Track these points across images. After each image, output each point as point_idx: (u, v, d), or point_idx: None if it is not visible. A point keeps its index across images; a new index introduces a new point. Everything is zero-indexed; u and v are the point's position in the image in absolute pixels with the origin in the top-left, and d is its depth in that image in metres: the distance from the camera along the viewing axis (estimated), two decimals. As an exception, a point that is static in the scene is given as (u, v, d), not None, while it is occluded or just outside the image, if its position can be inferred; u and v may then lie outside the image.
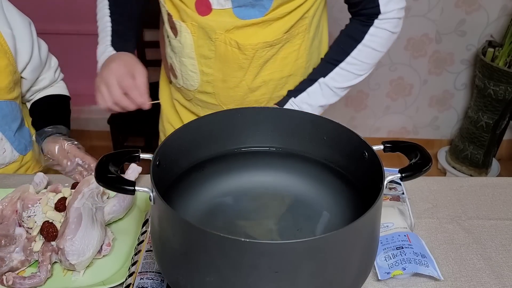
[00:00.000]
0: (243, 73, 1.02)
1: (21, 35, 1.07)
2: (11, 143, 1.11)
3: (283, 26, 0.99)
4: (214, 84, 1.05)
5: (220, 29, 0.97)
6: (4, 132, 1.09)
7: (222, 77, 1.04)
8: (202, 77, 1.05)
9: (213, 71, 1.03)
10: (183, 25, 1.00)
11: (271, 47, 1.00)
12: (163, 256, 0.65)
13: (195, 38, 1.00)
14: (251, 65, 1.01)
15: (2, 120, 1.07)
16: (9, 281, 0.78)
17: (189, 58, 1.04)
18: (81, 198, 0.85)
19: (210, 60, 1.02)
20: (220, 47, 1.00)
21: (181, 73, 1.08)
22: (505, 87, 2.17)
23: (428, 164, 0.68)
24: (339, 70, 1.02)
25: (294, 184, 0.84)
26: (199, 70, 1.04)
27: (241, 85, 1.04)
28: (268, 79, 1.04)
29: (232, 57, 1.00)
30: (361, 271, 0.66)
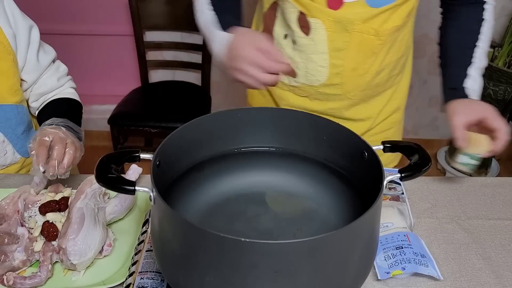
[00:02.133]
0: (374, 58, 1.06)
1: (20, 36, 1.07)
2: (13, 145, 1.10)
3: (408, 8, 1.03)
4: (343, 75, 1.07)
5: (358, 20, 1.00)
6: (6, 135, 1.08)
7: (353, 66, 1.06)
8: (332, 70, 1.07)
9: (344, 61, 1.06)
10: (319, 22, 1.01)
11: (398, 30, 1.05)
12: (163, 256, 0.65)
13: (329, 33, 1.02)
14: (382, 50, 1.06)
15: (5, 123, 1.07)
16: (9, 281, 0.78)
17: (320, 53, 1.05)
18: (83, 198, 0.85)
19: (342, 52, 1.04)
20: (356, 36, 1.02)
21: (305, 71, 1.09)
22: (504, 87, 2.17)
23: (428, 164, 0.68)
24: (480, 51, 1.07)
25: (294, 184, 0.84)
26: (329, 63, 1.06)
27: (370, 71, 1.08)
28: (389, 61, 1.09)
29: (367, 44, 1.04)
30: (360, 271, 0.66)
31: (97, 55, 2.58)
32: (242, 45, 0.89)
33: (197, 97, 2.31)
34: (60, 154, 0.91)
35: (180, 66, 2.44)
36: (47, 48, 1.16)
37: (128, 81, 2.56)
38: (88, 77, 2.60)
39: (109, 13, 2.44)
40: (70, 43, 2.50)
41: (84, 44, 2.54)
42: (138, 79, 2.38)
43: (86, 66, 2.60)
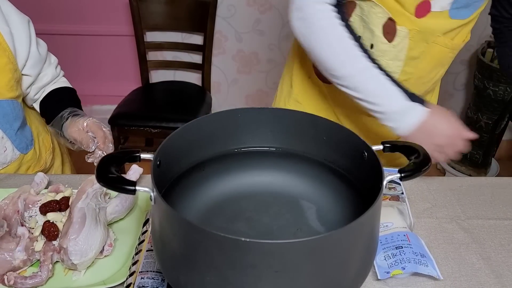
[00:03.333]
0: (441, 68, 1.09)
1: (18, 33, 1.08)
2: (12, 141, 1.11)
3: (471, 25, 1.05)
4: (410, 82, 1.07)
5: (438, 31, 1.01)
6: (5, 131, 1.09)
7: (420, 75, 1.08)
8: (401, 77, 1.07)
9: (416, 70, 1.06)
10: (406, 31, 1.00)
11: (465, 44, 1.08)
12: (164, 255, 0.66)
13: (411, 42, 1.02)
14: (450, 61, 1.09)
15: (3, 118, 1.07)
16: (10, 281, 0.78)
17: (397, 60, 1.05)
18: (85, 198, 0.86)
19: (416, 61, 1.05)
20: (433, 48, 1.03)
21: None
22: (504, 88, 2.17)
23: (428, 164, 0.68)
24: None
25: (294, 184, 0.84)
26: (401, 70, 1.06)
27: (432, 80, 1.10)
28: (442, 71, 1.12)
29: (440, 56, 1.05)
30: (360, 270, 0.66)
31: (97, 55, 2.58)
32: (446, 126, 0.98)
33: (197, 97, 2.32)
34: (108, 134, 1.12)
35: (181, 66, 2.45)
36: (39, 40, 1.17)
37: (128, 81, 2.57)
38: (89, 77, 2.60)
39: (109, 13, 2.44)
40: (70, 43, 2.51)
41: (85, 44, 2.54)
42: (139, 79, 2.38)
43: (86, 66, 2.60)
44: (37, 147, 1.20)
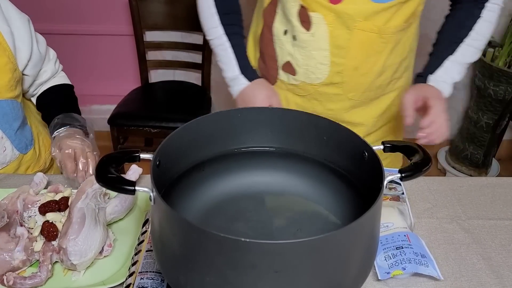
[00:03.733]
0: (377, 58, 1.06)
1: (20, 33, 1.08)
2: (11, 141, 1.11)
3: (411, 8, 1.03)
4: (344, 74, 1.06)
5: (359, 16, 0.99)
6: (4, 131, 1.09)
7: (355, 65, 1.06)
8: (332, 68, 1.06)
9: (346, 60, 1.05)
10: (320, 17, 1.00)
11: (403, 30, 1.05)
12: (163, 256, 0.65)
13: (330, 29, 1.01)
14: (385, 49, 1.05)
15: (2, 118, 1.07)
16: (9, 281, 0.78)
17: (321, 50, 1.04)
18: (84, 198, 0.85)
19: (344, 50, 1.03)
20: (357, 34, 1.01)
21: (306, 68, 1.08)
22: (505, 87, 2.17)
23: (428, 164, 0.68)
24: (466, 46, 1.06)
25: (294, 184, 0.84)
26: (330, 61, 1.05)
27: (372, 70, 1.07)
28: (392, 63, 1.09)
29: (369, 43, 1.03)
30: (361, 271, 0.66)
31: (97, 55, 2.58)
32: (256, 97, 1.05)
33: (197, 97, 2.31)
34: (85, 165, 1.02)
35: (180, 66, 2.44)
36: (38, 36, 1.17)
37: (128, 81, 2.56)
38: (88, 77, 2.60)
39: (109, 13, 2.44)
40: (70, 43, 2.51)
41: (84, 44, 2.54)
42: (138, 79, 2.38)
43: (86, 66, 2.60)
44: (37, 147, 1.20)
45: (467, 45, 1.06)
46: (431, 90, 1.05)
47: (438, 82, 1.07)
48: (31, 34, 1.11)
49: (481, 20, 1.06)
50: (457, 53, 1.06)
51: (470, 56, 1.08)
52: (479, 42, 1.07)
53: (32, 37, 1.11)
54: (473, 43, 1.07)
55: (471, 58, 1.08)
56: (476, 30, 1.06)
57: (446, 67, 1.07)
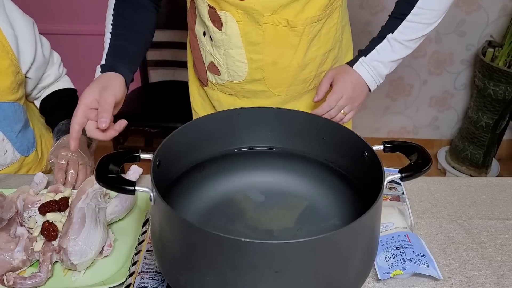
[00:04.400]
0: (294, 51, 1.04)
1: (24, 36, 1.08)
2: (12, 144, 1.11)
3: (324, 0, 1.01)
4: (264, 69, 1.06)
5: (266, 11, 0.98)
6: (6, 133, 1.08)
7: (273, 60, 1.05)
8: (251, 65, 1.06)
9: (263, 56, 1.04)
10: (228, 15, 1.00)
11: (317, 22, 1.03)
12: (164, 256, 0.65)
13: (241, 26, 1.01)
14: (301, 42, 1.04)
15: (4, 121, 1.07)
16: (9, 281, 0.78)
17: (236, 48, 1.04)
18: (85, 198, 0.85)
19: (259, 46, 1.03)
20: (268, 29, 1.01)
21: (226, 67, 1.08)
22: (505, 87, 2.17)
23: (428, 164, 0.68)
24: (406, 23, 1.03)
25: (294, 184, 0.84)
26: (247, 58, 1.05)
27: (291, 64, 1.06)
28: (314, 55, 1.07)
29: (282, 37, 1.02)
30: (361, 271, 0.66)
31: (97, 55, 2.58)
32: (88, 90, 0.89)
33: (197, 97, 2.31)
34: (73, 177, 1.02)
35: (180, 65, 2.44)
36: (43, 39, 1.17)
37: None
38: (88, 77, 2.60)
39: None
40: (70, 43, 2.50)
41: (84, 44, 2.54)
42: (138, 79, 2.38)
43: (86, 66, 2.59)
44: (39, 149, 1.20)
45: (408, 21, 1.02)
46: (348, 74, 1.04)
47: (369, 63, 1.04)
48: (35, 37, 1.11)
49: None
50: (396, 31, 1.03)
51: (412, 32, 1.03)
52: (423, 16, 1.02)
53: (36, 40, 1.11)
54: (415, 18, 1.02)
55: (414, 34, 1.03)
56: (419, 5, 1.01)
57: (382, 46, 1.04)
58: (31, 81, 1.14)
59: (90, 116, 0.85)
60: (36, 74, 1.14)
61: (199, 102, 1.27)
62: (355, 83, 1.04)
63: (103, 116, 0.83)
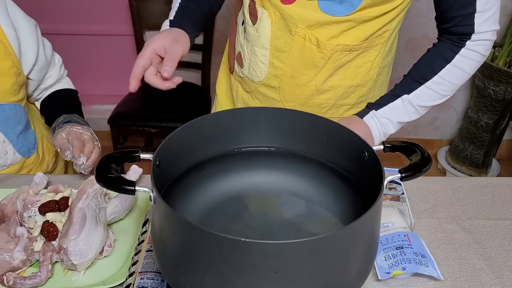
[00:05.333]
0: (315, 73, 1.02)
1: (26, 37, 1.07)
2: (13, 145, 1.11)
3: (365, 32, 0.97)
4: (282, 79, 1.04)
5: (302, 23, 0.96)
6: (6, 135, 1.08)
7: (292, 73, 1.03)
8: (271, 70, 1.04)
9: (284, 65, 1.02)
10: (265, 13, 0.98)
11: (350, 52, 0.99)
12: (163, 256, 0.65)
13: (273, 29, 0.99)
14: (326, 66, 1.00)
15: (5, 122, 1.07)
16: (9, 281, 0.78)
17: (262, 48, 1.03)
18: (85, 198, 0.85)
19: (284, 54, 1.01)
20: (298, 41, 0.98)
21: (249, 63, 1.07)
22: (505, 87, 2.17)
23: (428, 164, 0.68)
24: (424, 88, 1.00)
25: (294, 184, 0.84)
26: (269, 62, 1.04)
27: (309, 85, 1.03)
28: (337, 84, 1.04)
29: (308, 54, 0.99)
30: (361, 271, 0.66)
31: (97, 55, 2.58)
32: (158, 37, 0.93)
33: (197, 97, 2.31)
34: (90, 151, 1.04)
35: (180, 66, 2.43)
36: (45, 41, 1.17)
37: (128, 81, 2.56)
38: (88, 77, 2.60)
39: (109, 13, 2.44)
40: (70, 43, 2.51)
41: (84, 44, 2.54)
42: (138, 79, 2.38)
43: (86, 66, 2.60)
44: (40, 150, 1.20)
45: (426, 87, 1.00)
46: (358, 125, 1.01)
47: (379, 118, 1.02)
48: (37, 39, 1.11)
49: (450, 66, 0.98)
50: (413, 93, 1.01)
51: (427, 99, 1.01)
52: (442, 86, 1.00)
53: (39, 42, 1.11)
54: (434, 87, 1.00)
55: (428, 102, 1.01)
56: (441, 75, 0.99)
57: (395, 105, 1.02)
58: (32, 82, 1.14)
59: (154, 61, 0.89)
60: (38, 75, 1.14)
61: (223, 87, 1.26)
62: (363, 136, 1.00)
63: (169, 65, 0.88)
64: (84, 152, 1.03)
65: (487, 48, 0.97)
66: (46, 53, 1.15)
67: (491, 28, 0.95)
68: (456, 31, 0.96)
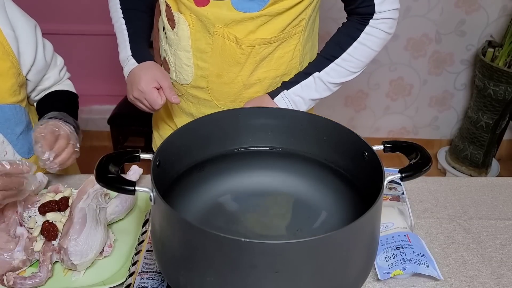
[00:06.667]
0: (239, 69, 1.04)
1: (24, 37, 1.07)
2: (13, 146, 1.10)
3: (281, 24, 1.00)
4: (209, 79, 1.06)
5: (218, 22, 0.98)
6: (6, 135, 1.08)
7: (218, 72, 1.05)
8: (197, 71, 1.06)
9: (209, 65, 1.04)
10: (182, 17, 1.01)
11: (268, 44, 1.02)
12: (164, 256, 0.65)
13: (192, 31, 1.01)
14: (248, 61, 1.03)
15: (4, 123, 1.07)
16: (9, 281, 0.78)
17: (184, 51, 1.05)
18: (86, 198, 0.85)
19: (206, 54, 1.03)
20: (218, 40, 1.01)
21: (174, 67, 1.09)
22: (505, 87, 2.17)
23: (428, 164, 0.68)
24: (334, 65, 1.03)
25: (294, 184, 0.84)
26: (194, 64, 1.05)
27: (236, 81, 1.05)
28: (263, 77, 1.06)
29: (229, 52, 1.02)
30: (361, 271, 0.66)
31: (97, 55, 2.58)
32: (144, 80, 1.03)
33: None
34: (60, 148, 0.98)
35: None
36: (46, 42, 1.16)
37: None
38: (88, 77, 2.60)
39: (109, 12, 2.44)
40: (70, 43, 2.50)
41: (84, 44, 2.54)
42: (138, 79, 2.38)
43: (86, 66, 2.59)
44: None
45: (336, 64, 1.03)
46: (266, 102, 1.03)
47: (291, 97, 1.04)
48: (36, 39, 1.10)
49: (357, 43, 1.02)
50: (323, 71, 1.03)
51: (337, 76, 1.04)
52: (350, 63, 1.03)
53: (38, 43, 1.10)
54: (343, 64, 1.03)
55: (338, 79, 1.04)
56: (349, 52, 1.03)
57: (307, 83, 1.04)
58: (30, 83, 1.13)
59: None
60: (36, 77, 1.13)
61: None
62: None
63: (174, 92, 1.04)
64: (54, 148, 0.97)
65: (390, 26, 1.03)
66: (46, 54, 1.14)
67: (391, 7, 1.01)
68: (359, 11, 1.02)
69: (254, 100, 1.05)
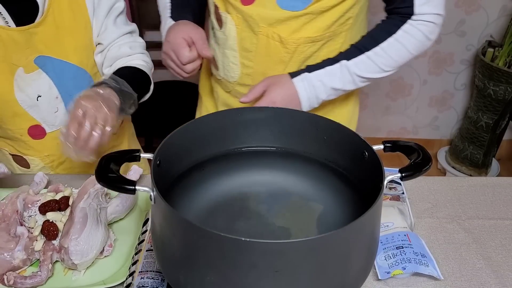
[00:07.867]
0: (283, 67, 1.04)
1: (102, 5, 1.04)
2: (65, 104, 1.05)
3: (325, 22, 0.99)
4: (254, 77, 1.07)
5: (263, 22, 0.99)
6: (61, 93, 1.04)
7: (263, 71, 1.05)
8: (243, 70, 1.07)
9: (254, 64, 1.06)
10: (229, 17, 1.03)
11: (313, 43, 1.01)
12: (164, 255, 0.65)
13: (238, 31, 1.03)
14: (292, 60, 1.03)
15: (65, 81, 1.02)
16: (10, 281, 0.78)
17: (231, 50, 1.06)
18: (87, 198, 0.85)
19: (251, 53, 1.04)
20: (262, 40, 1.02)
21: (222, 65, 1.11)
22: (505, 87, 2.17)
23: (428, 164, 0.68)
24: (364, 57, 1.00)
25: (294, 184, 0.84)
26: (240, 62, 1.07)
27: None
28: None
29: (273, 51, 1.02)
30: (361, 270, 0.66)
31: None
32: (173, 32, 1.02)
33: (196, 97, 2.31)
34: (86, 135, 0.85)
35: (180, 66, 2.44)
36: (130, 23, 1.16)
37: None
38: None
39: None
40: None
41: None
42: (138, 79, 2.38)
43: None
44: None
45: (366, 57, 0.99)
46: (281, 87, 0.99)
47: (311, 81, 0.99)
48: (110, 9, 1.07)
49: (392, 39, 0.98)
50: (352, 60, 0.99)
51: (365, 69, 1.00)
52: (382, 59, 0.99)
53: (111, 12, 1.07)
54: (374, 57, 0.99)
55: (366, 73, 1.00)
56: (382, 47, 0.99)
57: (332, 69, 1.00)
58: (99, 47, 1.09)
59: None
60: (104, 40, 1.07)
61: (206, 88, 1.28)
62: (287, 100, 0.98)
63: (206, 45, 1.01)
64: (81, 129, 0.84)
65: (430, 31, 0.99)
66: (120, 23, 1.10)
67: (432, 11, 0.98)
68: (399, 11, 0.99)
69: (272, 77, 1.01)
